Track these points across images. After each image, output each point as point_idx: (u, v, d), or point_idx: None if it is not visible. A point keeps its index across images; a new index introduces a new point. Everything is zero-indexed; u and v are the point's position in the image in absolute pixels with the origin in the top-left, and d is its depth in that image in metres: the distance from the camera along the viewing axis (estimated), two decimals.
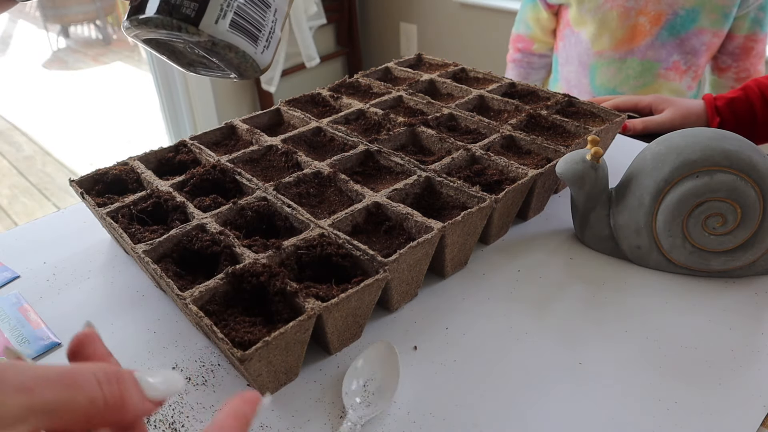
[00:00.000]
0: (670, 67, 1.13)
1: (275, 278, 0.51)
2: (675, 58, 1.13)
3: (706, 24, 1.10)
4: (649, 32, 1.11)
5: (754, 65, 1.15)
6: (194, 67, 0.40)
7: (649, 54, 1.13)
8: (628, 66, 1.15)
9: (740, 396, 0.49)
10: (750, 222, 0.57)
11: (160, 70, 2.22)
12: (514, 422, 0.48)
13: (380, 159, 0.71)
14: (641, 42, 1.12)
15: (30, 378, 0.21)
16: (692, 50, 1.12)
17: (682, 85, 1.16)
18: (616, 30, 1.13)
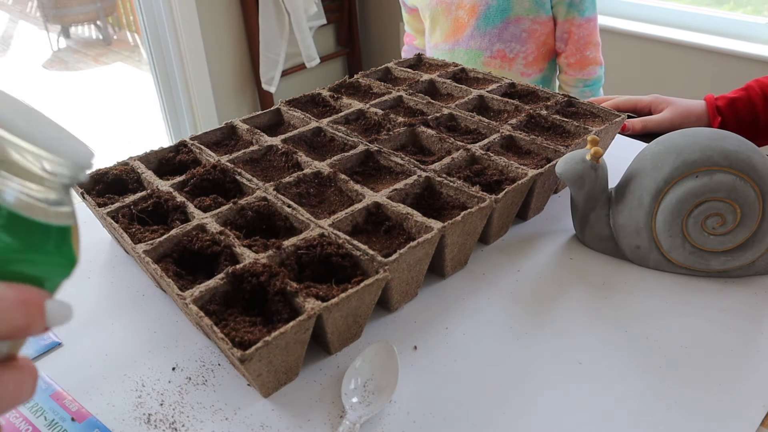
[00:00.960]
0: (494, 55, 1.22)
1: (275, 278, 0.51)
2: (498, 46, 1.21)
3: (521, 12, 1.18)
4: (468, 24, 1.22)
5: (581, 50, 1.21)
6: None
7: (471, 44, 1.23)
8: (456, 56, 1.25)
9: (740, 396, 0.49)
10: (749, 222, 0.57)
11: (161, 70, 2.22)
12: (514, 422, 0.48)
13: (380, 159, 0.71)
14: (463, 33, 1.23)
15: None
16: (514, 38, 1.20)
17: (513, 72, 1.23)
18: (443, 24, 1.25)
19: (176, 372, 0.53)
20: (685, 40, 1.81)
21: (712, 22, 1.83)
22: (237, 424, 0.48)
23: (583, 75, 1.24)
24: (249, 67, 2.37)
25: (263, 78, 2.30)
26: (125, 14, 4.19)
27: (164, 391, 0.51)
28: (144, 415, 0.49)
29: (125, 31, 4.25)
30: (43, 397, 0.50)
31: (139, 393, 0.51)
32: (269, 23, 2.23)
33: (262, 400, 0.50)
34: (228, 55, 2.29)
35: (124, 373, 0.53)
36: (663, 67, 1.88)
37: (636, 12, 1.94)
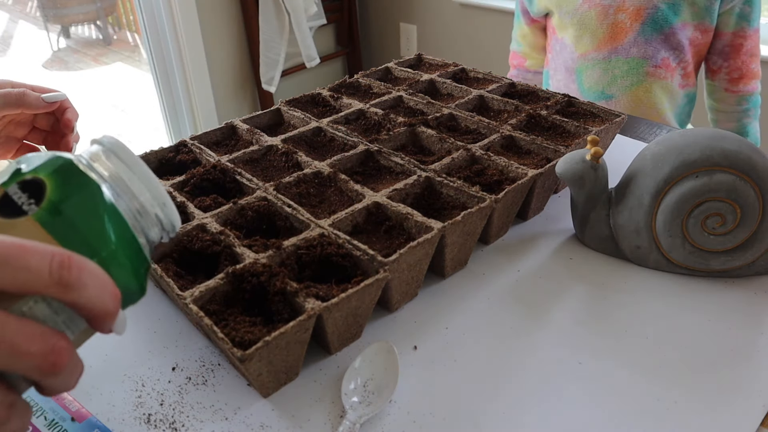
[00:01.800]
0: (659, 64, 1.11)
1: (275, 278, 0.51)
2: (663, 54, 1.10)
3: (688, 18, 1.08)
4: (630, 29, 1.09)
5: (746, 63, 1.12)
6: None
7: (633, 51, 1.10)
8: (614, 66, 1.12)
9: (740, 396, 0.49)
10: (749, 222, 0.57)
11: (161, 71, 2.22)
12: (514, 422, 0.48)
13: (380, 159, 0.71)
14: (624, 40, 1.10)
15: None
16: (679, 45, 1.09)
17: (674, 84, 1.13)
18: (596, 30, 1.11)
19: (176, 372, 0.53)
20: None
21: None
22: (237, 424, 0.48)
23: (747, 90, 1.13)
24: (249, 67, 2.37)
25: (263, 78, 2.30)
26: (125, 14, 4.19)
27: (164, 391, 0.51)
28: (144, 415, 0.49)
29: (125, 31, 4.25)
30: (43, 397, 0.50)
31: (139, 393, 0.51)
32: (269, 23, 2.23)
33: (262, 400, 0.50)
34: (228, 55, 2.29)
35: (124, 373, 0.53)
36: None
37: None
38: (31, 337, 0.24)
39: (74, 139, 0.70)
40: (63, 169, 0.27)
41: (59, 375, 0.25)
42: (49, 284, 0.24)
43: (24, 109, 0.63)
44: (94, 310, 0.26)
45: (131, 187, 0.29)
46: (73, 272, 0.25)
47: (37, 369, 0.24)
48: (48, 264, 0.24)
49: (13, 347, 0.23)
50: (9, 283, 0.24)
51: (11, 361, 0.24)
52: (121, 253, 0.28)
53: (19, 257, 0.24)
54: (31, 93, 0.63)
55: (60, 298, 0.25)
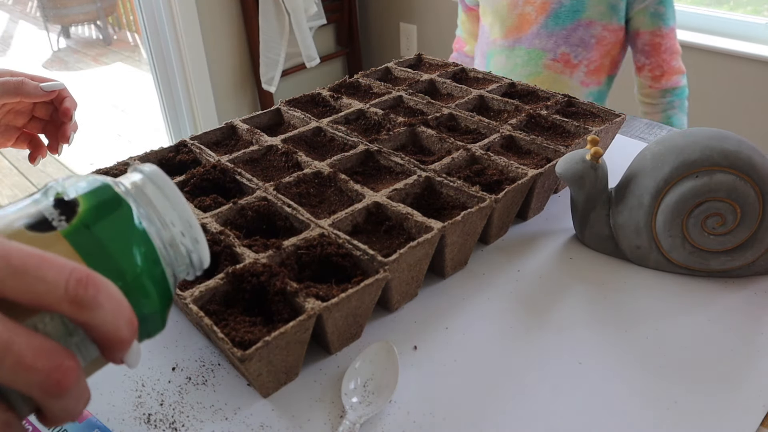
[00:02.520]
0: (557, 58, 1.14)
1: (275, 278, 0.51)
2: (563, 49, 1.13)
3: (594, 16, 1.11)
4: (535, 21, 1.13)
5: (666, 61, 1.15)
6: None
7: (535, 43, 1.15)
8: (516, 54, 1.17)
9: (740, 396, 0.49)
10: (749, 222, 0.57)
11: (161, 71, 2.22)
12: (514, 422, 0.48)
13: (380, 159, 0.71)
14: (528, 30, 1.14)
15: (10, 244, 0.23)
16: (581, 42, 1.12)
17: (574, 80, 1.16)
18: (506, 18, 1.16)
19: (176, 372, 0.53)
20: (685, 40, 1.81)
21: (712, 22, 1.83)
22: (237, 424, 0.48)
23: (670, 84, 1.17)
24: (249, 67, 2.37)
25: (263, 78, 2.30)
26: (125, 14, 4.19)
27: (164, 391, 0.51)
28: (144, 415, 0.49)
29: (125, 31, 4.25)
30: None
31: (139, 393, 0.51)
32: (269, 23, 2.23)
33: (262, 400, 0.50)
34: (228, 55, 2.29)
35: (124, 373, 0.53)
36: None
37: None
38: (38, 351, 0.23)
39: (72, 128, 0.70)
40: (97, 190, 0.27)
41: (62, 398, 0.24)
42: (63, 300, 0.23)
43: (23, 98, 0.63)
44: (107, 334, 0.25)
45: (166, 217, 0.28)
46: (89, 291, 0.24)
47: (40, 387, 0.23)
48: (65, 279, 0.23)
49: (19, 359, 0.22)
50: (24, 294, 0.23)
51: (14, 375, 0.22)
52: (146, 280, 0.27)
53: (36, 268, 0.23)
54: (30, 82, 0.63)
55: (72, 316, 0.24)
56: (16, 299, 0.23)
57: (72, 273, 0.23)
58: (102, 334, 0.25)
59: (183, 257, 0.29)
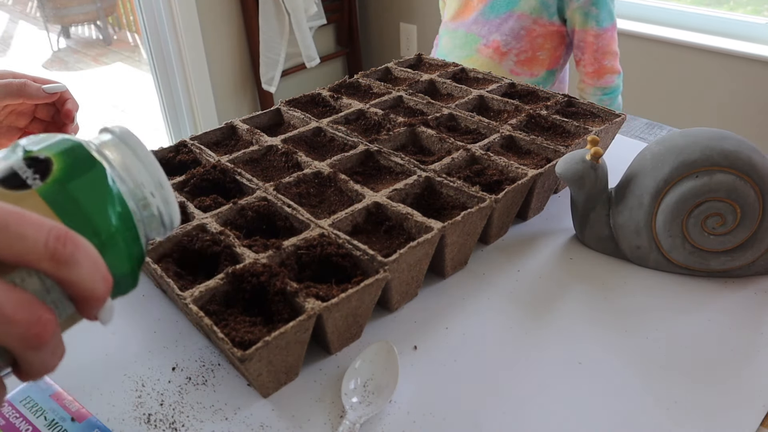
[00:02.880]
0: (488, 44, 1.22)
1: (275, 278, 0.51)
2: (495, 37, 1.21)
3: (525, 9, 1.18)
4: (475, 8, 1.23)
5: (599, 60, 1.21)
6: None
7: (473, 28, 1.24)
8: (457, 36, 1.27)
9: (740, 396, 0.49)
10: (749, 222, 0.57)
11: (161, 71, 2.22)
12: (514, 422, 0.48)
13: (380, 159, 0.71)
14: (469, 16, 1.25)
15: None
16: (511, 33, 1.19)
17: (503, 67, 1.23)
18: (454, 3, 1.27)
19: (176, 372, 0.53)
20: (685, 40, 1.81)
21: (712, 22, 1.83)
22: (237, 424, 0.48)
23: (600, 83, 1.23)
24: (249, 67, 2.36)
25: (263, 78, 2.30)
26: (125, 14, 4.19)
27: (164, 391, 0.51)
28: (144, 415, 0.49)
29: (125, 31, 4.25)
30: (43, 397, 0.50)
31: (139, 393, 0.51)
32: (269, 23, 2.22)
33: (262, 400, 0.50)
34: (228, 55, 2.29)
35: (124, 373, 0.53)
36: (663, 67, 1.88)
37: (636, 12, 1.94)
38: (18, 304, 0.24)
39: (74, 130, 0.71)
40: (71, 150, 0.27)
41: (41, 350, 0.25)
42: (42, 257, 0.24)
43: (25, 99, 0.64)
44: (84, 291, 0.25)
45: (137, 177, 0.29)
46: (67, 247, 0.24)
47: (20, 338, 0.24)
48: (44, 236, 0.24)
49: (0, 312, 0.23)
50: (4, 250, 0.23)
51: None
52: (119, 239, 0.27)
53: (17, 225, 0.23)
54: (32, 83, 0.64)
55: (51, 273, 0.24)
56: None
57: (51, 231, 0.24)
58: (79, 290, 0.25)
59: (155, 217, 0.30)
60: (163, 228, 0.31)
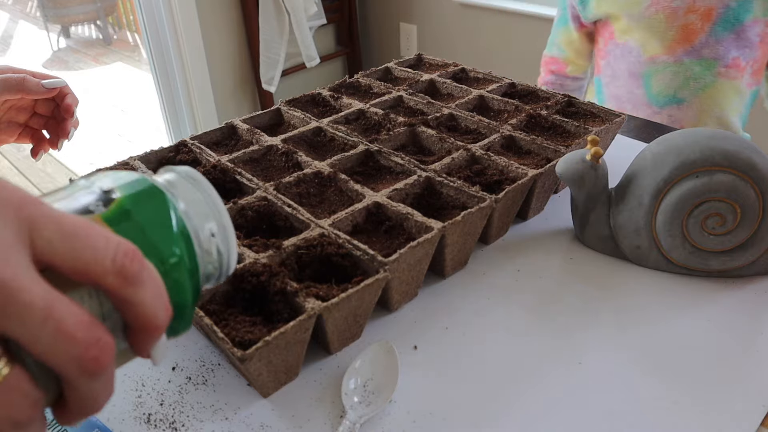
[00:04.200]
0: (729, 64, 1.06)
1: (275, 278, 0.51)
2: (734, 54, 1.06)
3: (759, 13, 1.04)
4: (701, 30, 1.05)
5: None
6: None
7: (705, 53, 1.06)
8: (686, 68, 1.08)
9: (740, 396, 0.49)
10: (749, 222, 0.57)
11: (161, 71, 2.22)
12: (514, 422, 0.48)
13: (380, 159, 0.71)
14: (695, 41, 1.05)
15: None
16: (749, 43, 1.05)
17: (743, 84, 1.09)
18: (665, 32, 1.07)
19: (176, 372, 0.53)
20: None
21: None
22: (237, 424, 0.48)
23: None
24: (249, 67, 2.36)
25: (263, 78, 2.30)
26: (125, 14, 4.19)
27: (164, 391, 0.51)
28: (144, 415, 0.49)
29: (125, 31, 4.25)
30: None
31: (139, 393, 0.51)
32: (269, 23, 2.22)
33: (262, 400, 0.50)
34: (228, 55, 2.29)
35: (124, 373, 0.53)
36: None
37: None
38: (79, 321, 0.22)
39: (74, 125, 0.71)
40: (135, 182, 0.26)
41: (96, 378, 0.23)
42: (109, 270, 0.23)
43: (24, 95, 0.64)
44: (144, 316, 0.24)
45: (202, 214, 0.28)
46: (135, 265, 0.23)
47: (77, 360, 0.22)
48: (113, 250, 0.23)
49: (60, 326, 0.21)
50: (71, 260, 0.22)
51: (53, 343, 0.21)
52: (182, 270, 0.26)
53: (86, 236, 0.22)
54: (32, 79, 0.64)
55: (115, 290, 0.23)
56: (62, 266, 0.22)
57: (119, 245, 0.23)
58: (139, 315, 0.24)
59: (213, 259, 0.28)
60: (218, 271, 0.29)
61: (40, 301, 0.21)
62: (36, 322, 0.21)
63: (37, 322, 0.21)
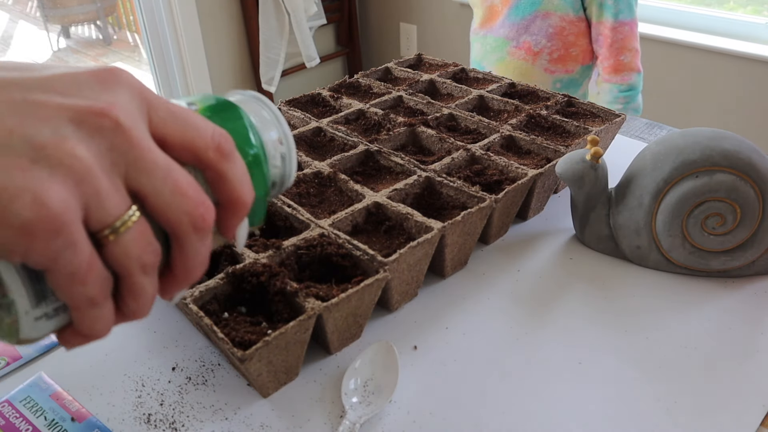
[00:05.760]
0: (520, 46, 1.24)
1: (275, 278, 0.51)
2: (525, 38, 1.23)
3: (550, 7, 1.20)
4: (500, 12, 1.26)
5: (615, 55, 1.20)
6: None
7: (501, 32, 1.27)
8: (487, 42, 1.30)
9: (740, 396, 0.49)
10: (749, 222, 0.57)
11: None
12: (514, 422, 0.48)
13: (380, 159, 0.71)
14: (496, 21, 1.27)
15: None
16: (540, 32, 1.21)
17: (537, 67, 1.24)
18: (481, 9, 1.31)
19: (176, 372, 0.53)
20: (685, 40, 1.81)
21: (712, 22, 1.83)
22: (237, 424, 0.48)
23: (617, 80, 1.21)
24: (249, 67, 2.36)
25: (263, 78, 2.30)
26: (125, 14, 4.19)
27: (164, 391, 0.51)
28: (144, 415, 0.49)
29: (125, 31, 4.25)
30: (43, 397, 0.50)
31: (139, 393, 0.51)
32: (269, 23, 2.22)
33: (262, 400, 0.50)
34: (228, 55, 2.29)
35: (124, 373, 0.53)
36: (663, 66, 1.88)
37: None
38: (190, 183, 0.25)
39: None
40: (207, 97, 0.30)
41: (203, 235, 0.26)
42: (210, 146, 0.26)
43: None
44: (234, 191, 0.27)
45: (268, 124, 0.31)
46: (228, 144, 0.27)
47: (188, 216, 0.25)
48: (212, 130, 0.27)
49: (177, 184, 0.25)
50: (180, 135, 0.26)
51: (172, 199, 0.25)
52: (261, 163, 0.30)
53: (192, 118, 0.26)
54: None
55: (213, 163, 0.26)
56: (173, 140, 0.26)
57: (215, 128, 0.27)
58: (231, 190, 0.27)
59: (278, 164, 0.32)
60: (282, 177, 0.32)
61: (162, 162, 0.25)
62: (159, 177, 0.24)
63: (160, 177, 0.24)
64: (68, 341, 0.25)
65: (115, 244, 0.23)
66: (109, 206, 0.23)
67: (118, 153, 0.23)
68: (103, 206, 0.23)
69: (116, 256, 0.24)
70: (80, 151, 0.22)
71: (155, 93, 0.27)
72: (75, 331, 0.25)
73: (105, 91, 0.24)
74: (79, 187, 0.22)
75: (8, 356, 0.55)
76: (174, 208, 0.25)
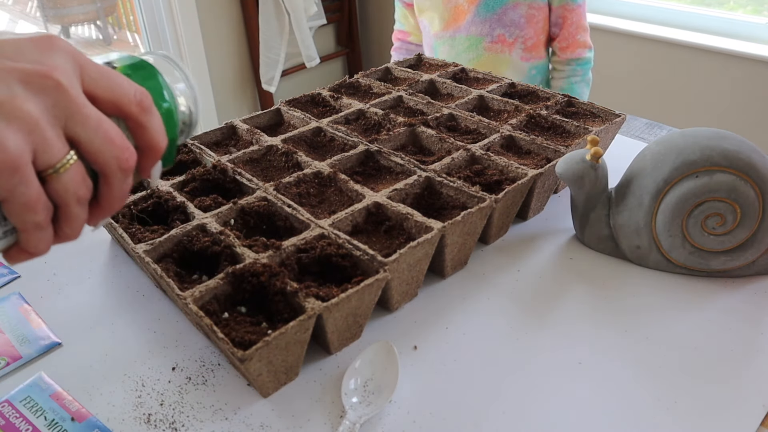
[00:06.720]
0: (495, 40, 1.27)
1: (275, 278, 0.51)
2: (498, 31, 1.26)
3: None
4: (468, 11, 1.27)
5: (572, 34, 1.27)
6: None
7: (472, 30, 1.28)
8: (458, 42, 1.30)
9: (740, 396, 0.49)
10: (749, 222, 0.57)
11: None
12: (514, 422, 0.48)
13: (380, 159, 0.71)
14: (464, 20, 1.28)
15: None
16: (512, 23, 1.24)
17: (513, 57, 1.28)
18: (443, 12, 1.30)
19: (176, 372, 0.53)
20: (685, 40, 1.81)
21: (712, 22, 1.83)
22: (237, 424, 0.48)
23: (574, 55, 1.29)
24: (249, 67, 2.36)
25: (263, 78, 2.30)
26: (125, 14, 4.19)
27: (164, 391, 0.51)
28: (144, 415, 0.49)
29: (125, 31, 4.25)
30: (43, 397, 0.50)
31: (139, 393, 0.51)
32: (269, 23, 2.22)
33: (262, 400, 0.50)
34: (228, 55, 2.29)
35: (124, 373, 0.53)
36: (663, 67, 1.88)
37: (636, 12, 1.94)
38: (117, 132, 0.30)
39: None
40: (128, 57, 0.35)
41: (127, 176, 0.31)
42: (132, 101, 0.31)
43: None
44: (152, 139, 0.33)
45: (176, 78, 0.37)
46: (148, 100, 0.32)
47: (116, 159, 0.30)
48: (134, 88, 0.32)
49: (107, 133, 0.30)
50: (108, 93, 0.31)
51: (102, 145, 0.30)
52: (173, 112, 0.35)
53: (118, 77, 0.32)
54: None
55: (136, 116, 0.32)
56: (102, 96, 0.31)
57: (137, 86, 0.32)
58: (149, 137, 0.33)
59: (185, 113, 0.37)
60: (189, 123, 0.38)
61: (94, 115, 0.30)
62: (92, 128, 0.29)
63: (92, 128, 0.29)
64: (14, 257, 0.31)
65: (57, 181, 0.29)
66: (53, 151, 0.28)
67: (59, 108, 0.28)
68: (48, 151, 0.28)
69: (57, 190, 0.29)
70: (29, 107, 0.27)
71: (86, 56, 0.32)
72: (21, 249, 0.30)
73: (45, 56, 0.29)
74: (30, 136, 0.27)
75: (8, 356, 0.55)
76: (104, 152, 0.30)
